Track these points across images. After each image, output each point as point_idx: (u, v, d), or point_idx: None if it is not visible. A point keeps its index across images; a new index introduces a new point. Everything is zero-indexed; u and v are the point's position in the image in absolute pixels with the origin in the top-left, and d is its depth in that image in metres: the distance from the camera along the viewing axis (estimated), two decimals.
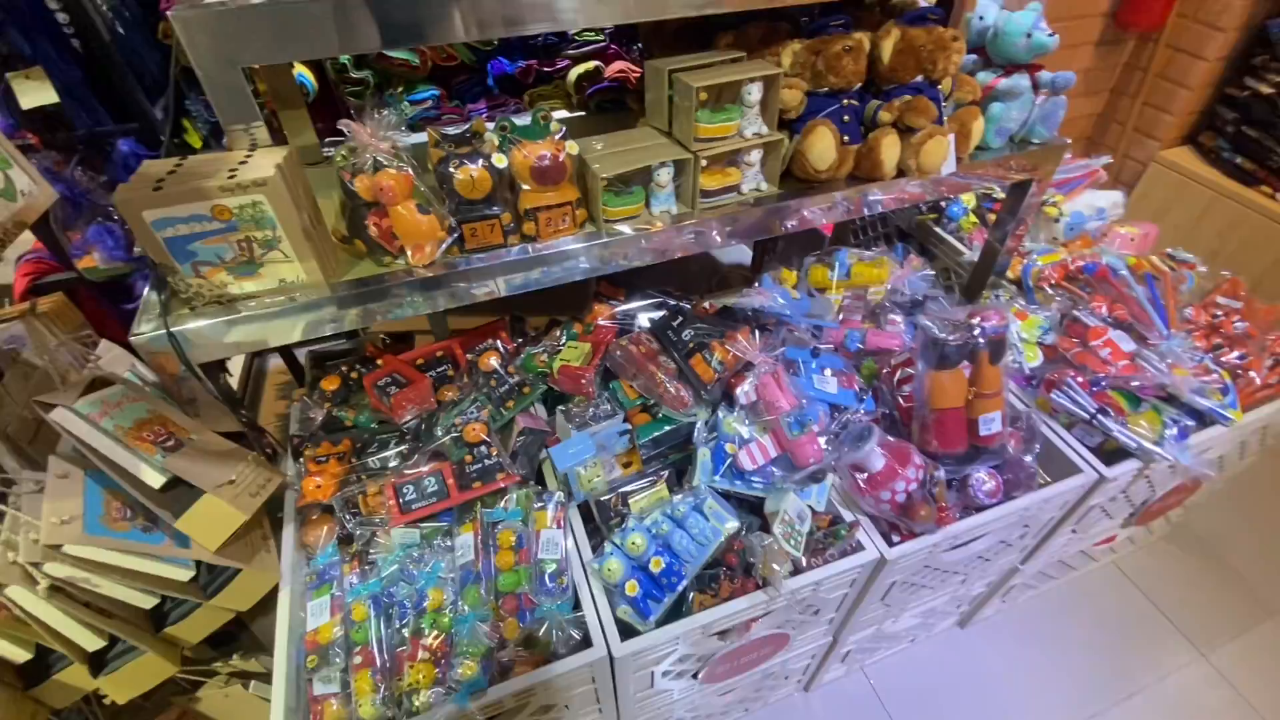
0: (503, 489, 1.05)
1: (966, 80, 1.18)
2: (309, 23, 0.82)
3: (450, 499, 1.02)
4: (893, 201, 1.19)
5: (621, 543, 0.97)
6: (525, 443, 1.11)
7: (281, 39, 0.82)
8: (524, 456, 1.11)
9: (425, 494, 1.02)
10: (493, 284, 1.00)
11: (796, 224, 1.15)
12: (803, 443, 1.00)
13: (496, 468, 1.05)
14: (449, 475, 1.04)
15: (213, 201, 0.82)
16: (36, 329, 0.95)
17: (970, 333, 1.03)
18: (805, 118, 1.09)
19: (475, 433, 1.05)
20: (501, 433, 1.13)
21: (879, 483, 1.02)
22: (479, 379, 1.17)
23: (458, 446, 1.07)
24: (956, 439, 1.08)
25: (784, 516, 0.99)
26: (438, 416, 1.13)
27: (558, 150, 0.96)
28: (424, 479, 1.03)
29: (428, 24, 0.87)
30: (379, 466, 1.07)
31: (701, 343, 1.13)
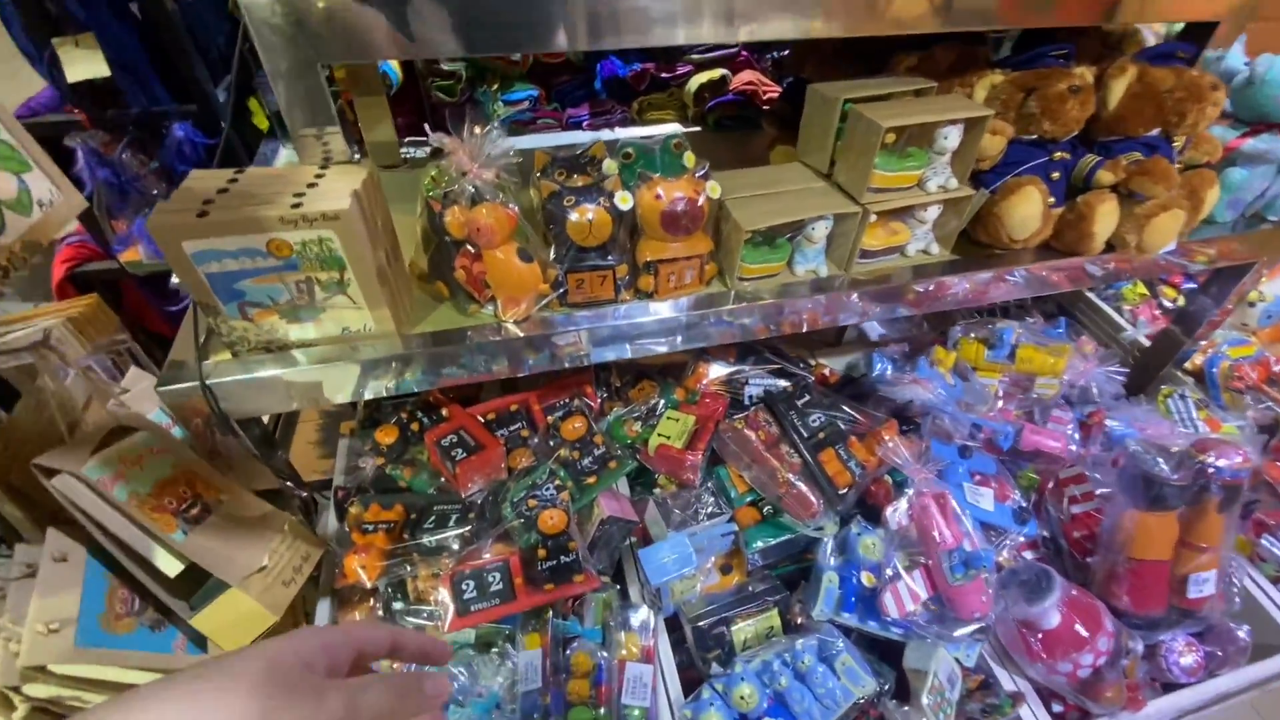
0: (580, 595, 0.86)
1: (1206, 137, 0.93)
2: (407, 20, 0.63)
3: (516, 603, 0.84)
4: (1085, 279, 0.95)
5: (725, 691, 0.77)
6: (607, 532, 0.92)
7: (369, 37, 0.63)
8: (604, 549, 0.92)
9: (487, 592, 0.83)
10: (594, 347, 0.81)
11: (966, 298, 0.92)
12: (967, 591, 0.79)
13: (575, 567, 0.86)
14: (516, 570, 0.85)
15: (270, 235, 0.64)
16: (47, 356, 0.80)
17: (1199, 472, 0.80)
18: (1001, 170, 0.87)
19: (553, 522, 0.86)
20: (579, 514, 0.94)
21: (1059, 649, 0.80)
22: (558, 445, 0.98)
23: (529, 532, 0.88)
24: (1155, 599, 0.85)
25: (934, 682, 0.78)
26: (508, 487, 0.95)
27: (696, 192, 0.76)
28: (486, 571, 0.84)
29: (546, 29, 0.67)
30: (433, 546, 0.89)
31: (835, 434, 0.92)
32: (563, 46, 0.70)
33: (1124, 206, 0.88)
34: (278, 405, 0.76)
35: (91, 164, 1.03)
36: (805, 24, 0.74)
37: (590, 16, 0.68)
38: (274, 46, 0.64)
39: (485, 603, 0.83)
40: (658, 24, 0.70)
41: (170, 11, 1.02)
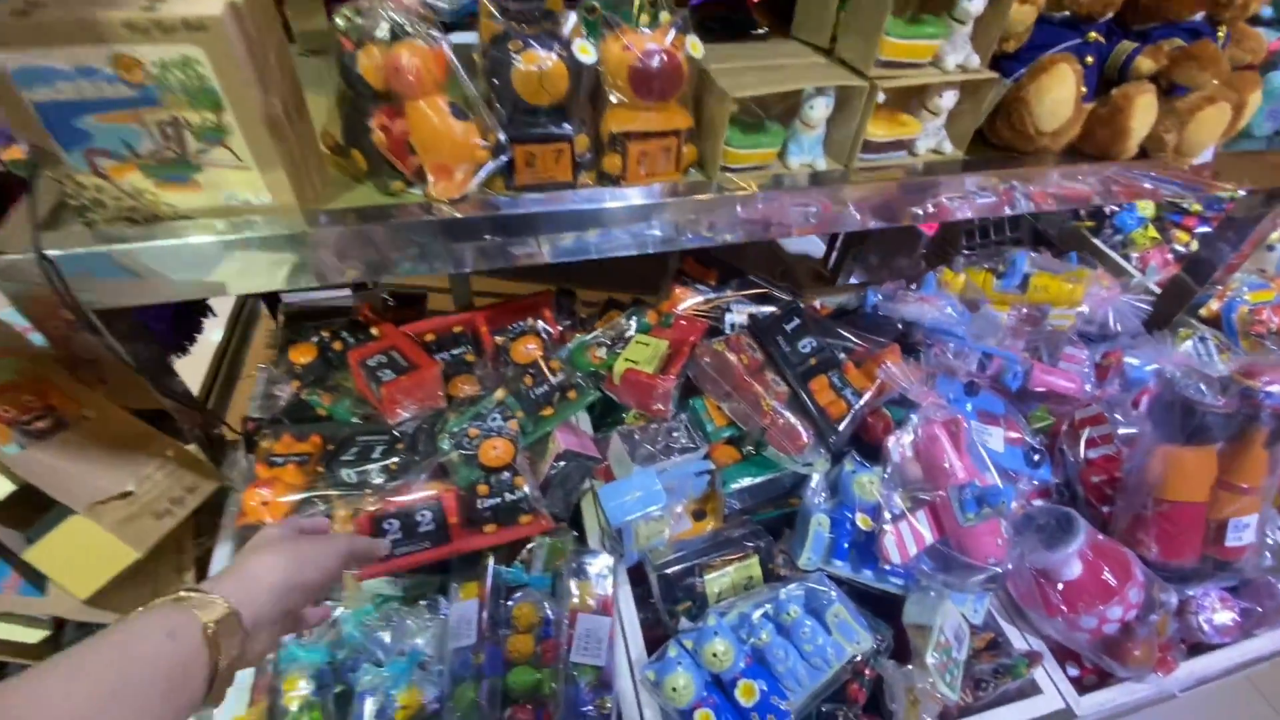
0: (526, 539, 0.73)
1: (1249, 33, 0.82)
2: None
3: (449, 544, 0.71)
4: (1115, 192, 0.84)
5: (696, 648, 0.65)
6: (564, 470, 0.79)
7: None
8: (559, 490, 0.79)
9: (414, 534, 0.70)
10: (543, 242, 0.67)
11: (974, 209, 0.80)
12: (981, 533, 0.67)
13: (521, 506, 0.73)
14: (452, 509, 0.72)
15: (115, 48, 0.49)
16: None
17: (1247, 398, 0.69)
18: (1026, 54, 0.74)
19: (497, 455, 0.73)
20: (531, 450, 0.81)
21: (1083, 602, 0.69)
22: (509, 372, 0.84)
23: (469, 467, 0.75)
24: (1188, 546, 0.74)
25: (939, 638, 0.66)
26: (446, 418, 0.81)
27: (675, 47, 0.63)
28: (415, 510, 0.71)
29: None
30: (354, 481, 0.75)
31: (828, 360, 0.80)
32: None
33: (1163, 101, 0.76)
34: (147, 295, 0.61)
35: None
36: None
37: None
38: None
39: (411, 546, 0.70)
40: None
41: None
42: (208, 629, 0.39)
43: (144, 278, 0.59)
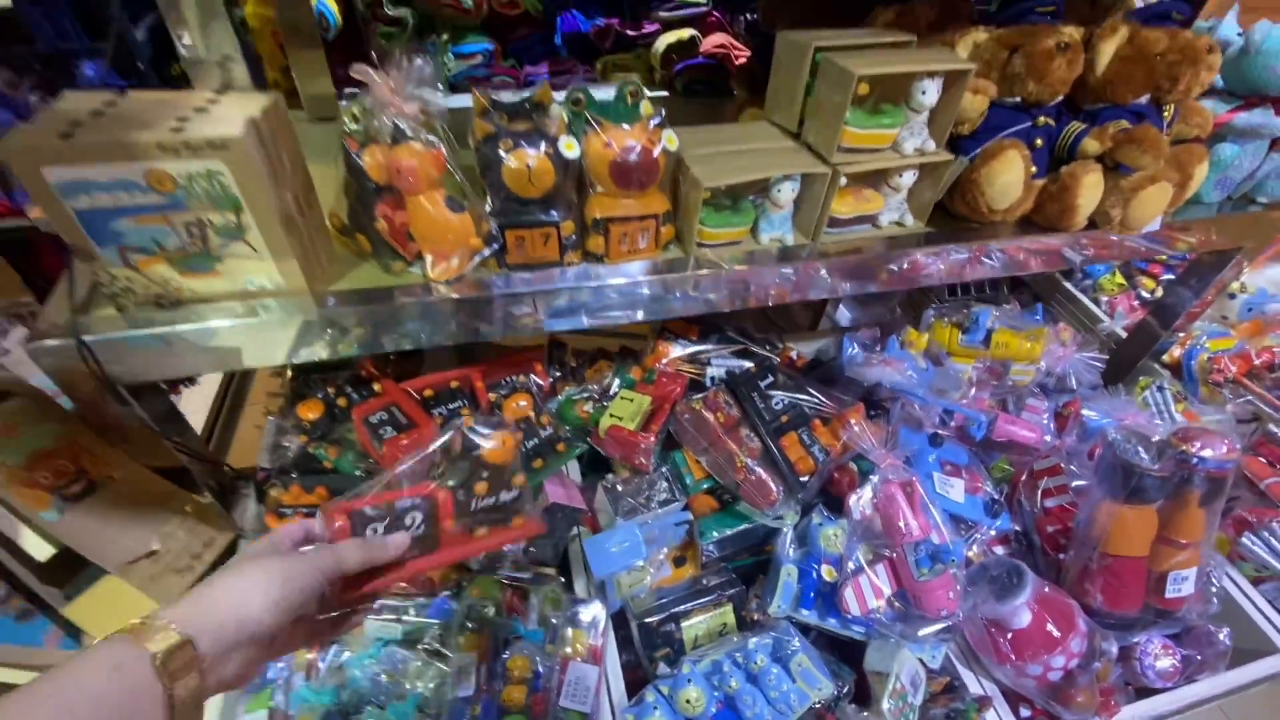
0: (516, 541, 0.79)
1: (1196, 109, 0.88)
2: None
3: (439, 555, 0.64)
4: (1065, 258, 0.90)
5: (671, 695, 0.70)
6: (552, 522, 0.84)
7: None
8: (547, 539, 0.85)
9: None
10: (537, 315, 0.73)
11: (942, 274, 0.86)
12: (934, 587, 0.73)
13: (515, 507, 0.74)
14: (447, 511, 0.69)
15: (149, 165, 0.55)
16: None
17: (1183, 462, 0.75)
18: (981, 135, 0.80)
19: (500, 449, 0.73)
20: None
21: (1029, 650, 0.75)
22: None
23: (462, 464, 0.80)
24: (1131, 598, 0.79)
25: (896, 685, 0.72)
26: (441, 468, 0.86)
27: (651, 142, 0.69)
28: (404, 510, 0.63)
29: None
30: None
31: (799, 417, 0.86)
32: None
33: (1109, 179, 0.82)
34: (173, 369, 0.67)
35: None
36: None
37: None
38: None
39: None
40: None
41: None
42: (156, 659, 0.37)
43: (170, 355, 0.65)
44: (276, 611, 0.44)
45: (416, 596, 0.82)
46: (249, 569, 0.46)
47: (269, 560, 0.47)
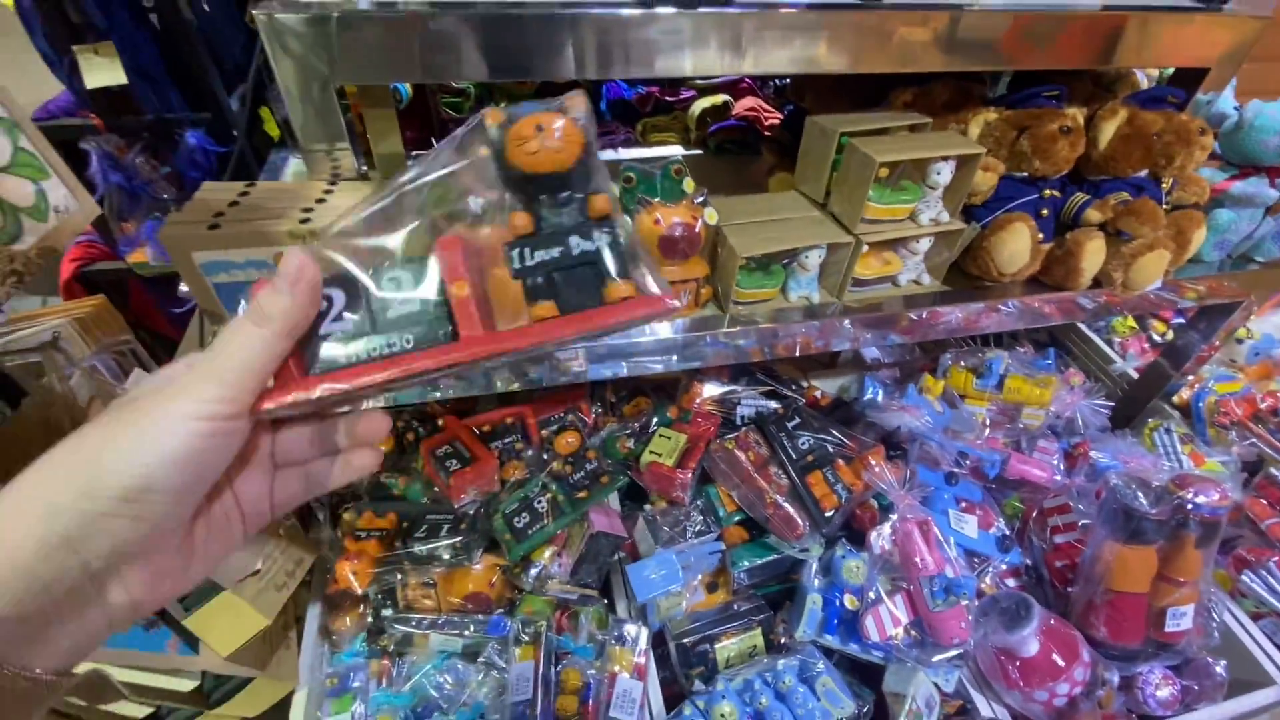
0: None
1: (1194, 179, 0.95)
2: (419, 45, 0.65)
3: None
4: (1074, 314, 0.97)
5: (706, 709, 0.79)
6: (595, 547, 0.93)
7: (385, 60, 0.66)
8: (591, 564, 0.94)
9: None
10: (582, 363, 0.83)
11: (956, 328, 0.94)
12: (947, 617, 0.80)
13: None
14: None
15: (279, 249, 0.66)
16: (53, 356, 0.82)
17: (1178, 508, 0.81)
18: (992, 205, 0.89)
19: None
20: (569, 530, 0.96)
21: (1035, 677, 0.81)
22: (551, 458, 0.99)
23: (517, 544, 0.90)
24: (1133, 631, 0.86)
25: (912, 706, 0.79)
26: (499, 498, 0.96)
27: (694, 218, 0.78)
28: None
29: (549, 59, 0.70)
30: (425, 555, 0.90)
31: (823, 457, 0.94)
32: (572, 75, 0.72)
33: (1111, 245, 0.90)
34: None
35: (104, 167, 1.05)
36: (807, 58, 0.77)
37: (600, 47, 0.70)
38: (288, 64, 0.66)
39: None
40: (665, 55, 0.72)
41: (188, 22, 1.05)
42: None
43: None
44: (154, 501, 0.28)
45: (475, 614, 0.91)
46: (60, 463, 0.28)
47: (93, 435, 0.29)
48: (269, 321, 0.30)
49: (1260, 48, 1.92)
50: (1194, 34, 0.88)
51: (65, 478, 0.28)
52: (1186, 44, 0.88)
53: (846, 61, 0.77)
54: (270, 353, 0.31)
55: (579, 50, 0.70)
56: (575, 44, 0.69)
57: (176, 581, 0.32)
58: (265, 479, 0.36)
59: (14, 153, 0.62)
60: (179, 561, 0.32)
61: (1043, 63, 0.85)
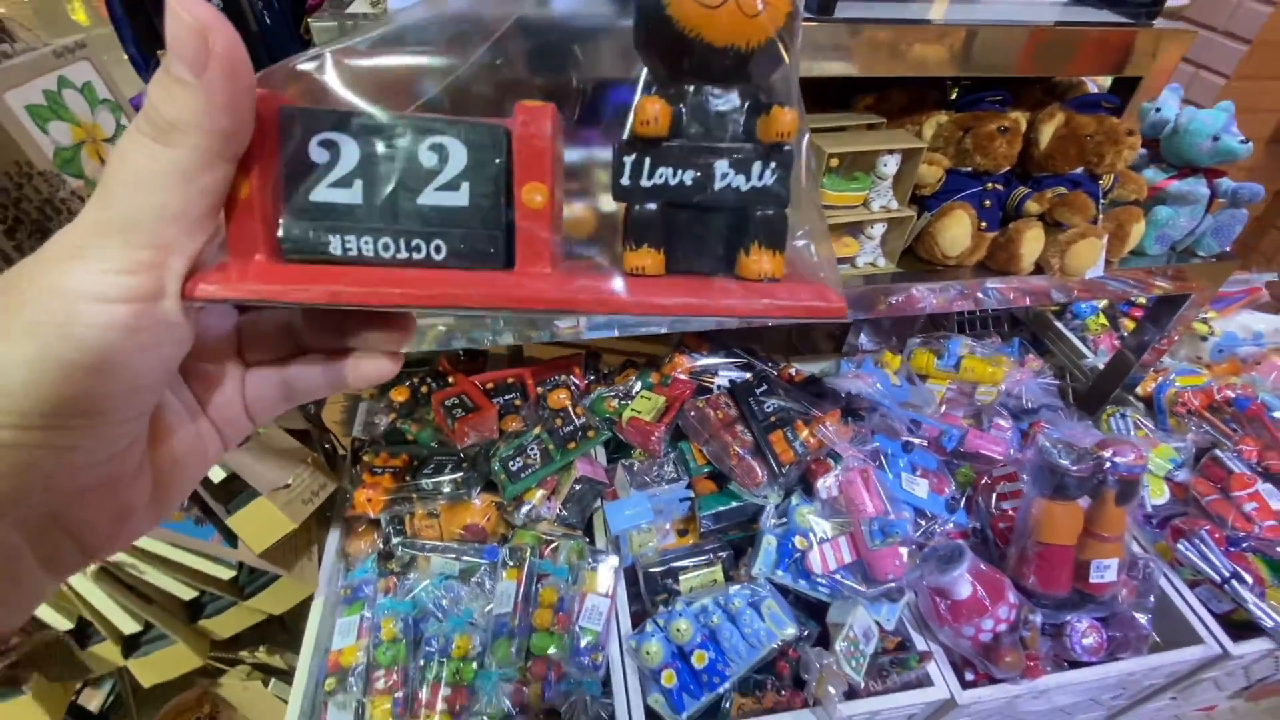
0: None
1: (1132, 177, 1.05)
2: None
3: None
4: (1022, 298, 1.07)
5: (666, 625, 0.90)
6: (580, 491, 1.05)
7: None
8: (576, 505, 1.06)
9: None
10: (578, 327, 0.96)
11: (899, 301, 1.05)
12: (883, 555, 0.90)
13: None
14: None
15: None
16: None
17: (1098, 466, 0.90)
18: (942, 196, 1.00)
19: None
20: (558, 476, 1.08)
21: (963, 615, 0.91)
22: (545, 414, 1.12)
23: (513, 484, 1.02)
24: (1060, 581, 0.94)
25: (849, 633, 0.89)
26: (497, 446, 1.09)
27: None
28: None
29: None
30: (431, 489, 1.03)
31: (785, 418, 1.05)
32: None
33: (1049, 234, 1.00)
34: None
35: None
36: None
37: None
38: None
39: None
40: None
41: (252, 33, 1.23)
42: None
43: None
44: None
45: (471, 543, 1.04)
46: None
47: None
48: (175, 135, 0.19)
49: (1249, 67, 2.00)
50: (1126, 46, 0.98)
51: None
52: (1119, 55, 0.98)
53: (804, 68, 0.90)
54: (191, 187, 0.20)
55: None
56: None
57: (139, 516, 0.24)
58: (235, 382, 0.27)
59: (117, 128, 0.78)
60: (137, 491, 0.24)
61: (987, 71, 0.96)
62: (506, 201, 0.24)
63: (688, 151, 0.24)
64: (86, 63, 0.73)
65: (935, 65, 0.94)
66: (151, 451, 0.24)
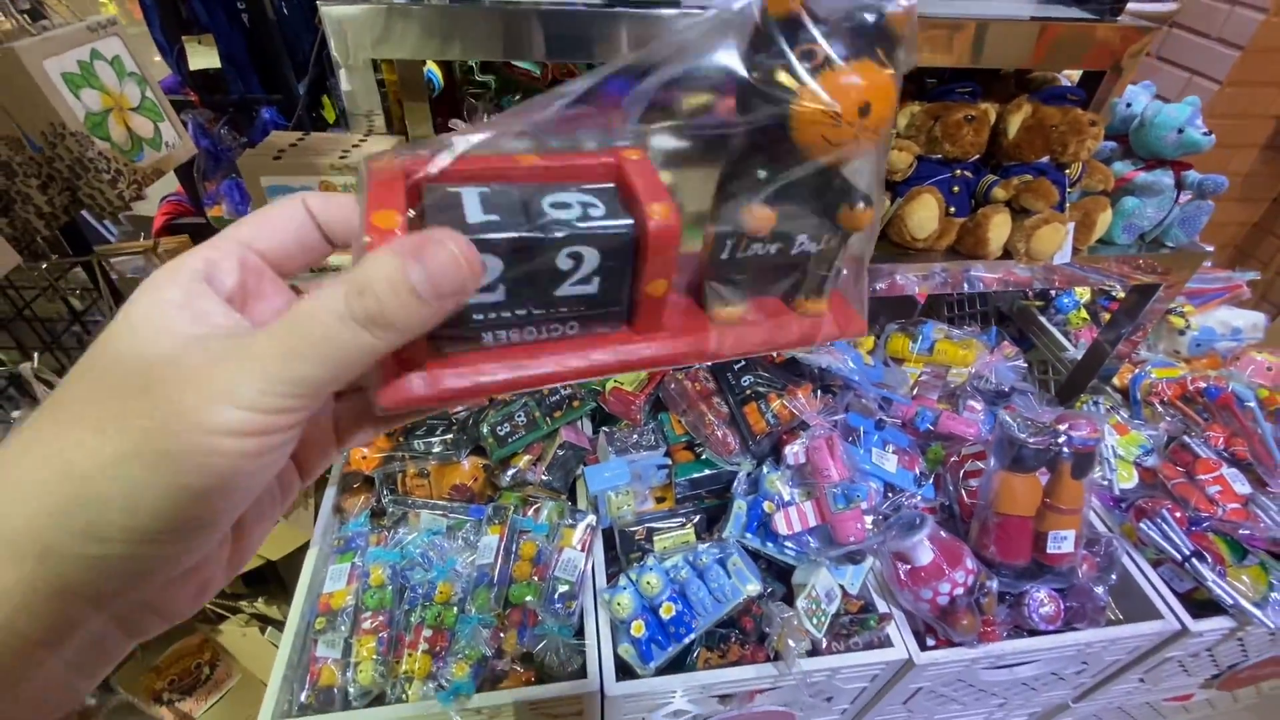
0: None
1: (1099, 168, 1.09)
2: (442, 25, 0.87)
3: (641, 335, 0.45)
4: (991, 282, 1.11)
5: (636, 579, 0.94)
6: (564, 456, 1.11)
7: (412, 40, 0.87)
8: (560, 470, 1.11)
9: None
10: None
11: (883, 288, 1.09)
12: (845, 518, 0.95)
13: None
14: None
15: (322, 177, 0.87)
16: (154, 261, 1.05)
17: (1054, 439, 0.94)
18: (912, 181, 1.05)
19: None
20: (544, 442, 1.14)
21: (922, 579, 0.95)
22: None
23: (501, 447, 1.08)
24: (1019, 550, 0.98)
25: (811, 592, 0.93)
26: (486, 412, 1.15)
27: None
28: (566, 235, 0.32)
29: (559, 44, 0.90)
30: (423, 450, 1.09)
31: (759, 391, 1.10)
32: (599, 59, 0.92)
33: (1015, 219, 1.04)
34: None
35: (197, 134, 1.30)
36: None
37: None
38: (344, 45, 0.88)
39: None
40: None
41: (271, 21, 1.31)
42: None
43: None
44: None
45: (459, 502, 1.10)
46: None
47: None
48: (388, 332, 0.21)
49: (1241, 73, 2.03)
50: (1091, 40, 1.02)
51: (57, 512, 0.20)
52: (1085, 49, 1.03)
53: None
54: (369, 360, 0.21)
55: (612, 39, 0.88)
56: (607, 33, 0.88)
57: (218, 584, 0.26)
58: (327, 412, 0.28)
59: (142, 99, 0.85)
60: (215, 569, 0.26)
61: (957, 63, 1.01)
62: (632, 284, 0.27)
63: (779, 234, 0.28)
64: (117, 38, 0.81)
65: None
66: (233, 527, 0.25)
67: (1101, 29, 1.02)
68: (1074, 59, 1.04)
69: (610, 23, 0.89)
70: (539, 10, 0.86)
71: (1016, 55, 1.02)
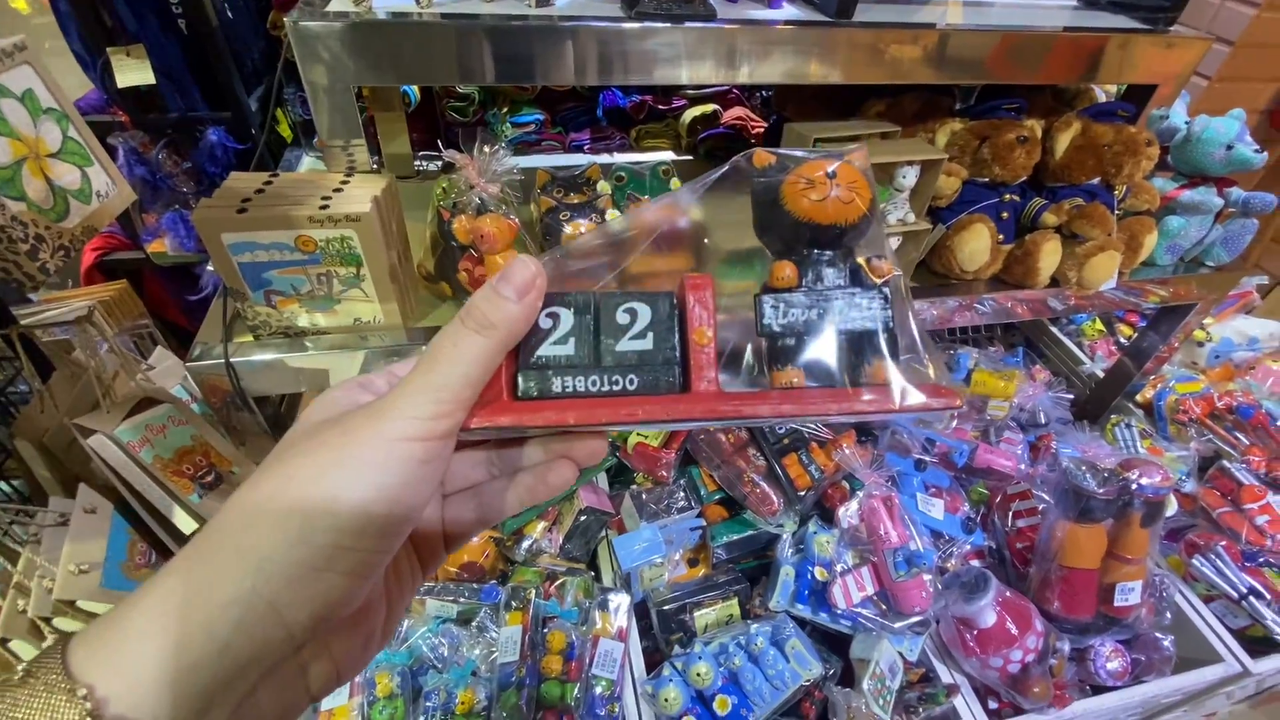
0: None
1: (1145, 187, 1.02)
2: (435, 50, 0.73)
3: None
4: (1037, 311, 1.04)
5: (684, 669, 0.84)
6: (585, 523, 0.99)
7: (404, 64, 0.73)
8: (580, 538, 1.00)
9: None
10: None
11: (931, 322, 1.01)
12: (909, 587, 0.86)
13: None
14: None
15: (299, 232, 0.72)
16: (88, 330, 0.88)
17: (1124, 488, 0.88)
18: (957, 207, 0.96)
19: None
20: (560, 506, 1.02)
21: (991, 645, 0.87)
22: None
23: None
24: (1084, 605, 0.92)
25: (875, 670, 0.85)
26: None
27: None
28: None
29: (551, 66, 0.77)
30: None
31: (798, 441, 1.00)
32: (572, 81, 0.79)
33: (1066, 246, 0.97)
34: (290, 385, 0.84)
35: (130, 161, 1.12)
36: (795, 70, 0.85)
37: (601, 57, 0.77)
38: (315, 66, 0.73)
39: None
40: (661, 65, 0.80)
41: (213, 27, 1.12)
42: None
43: (290, 373, 0.82)
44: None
45: (469, 583, 0.97)
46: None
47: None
48: (491, 330, 0.27)
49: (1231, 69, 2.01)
50: (1142, 54, 0.95)
51: (273, 525, 0.23)
52: (1136, 63, 0.96)
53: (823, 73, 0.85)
54: (489, 364, 0.27)
55: (581, 59, 0.77)
56: (577, 53, 0.76)
57: (376, 642, 0.29)
58: (437, 509, 0.31)
59: (64, 141, 0.68)
60: (379, 618, 0.29)
61: (1006, 78, 0.93)
62: (680, 343, 0.32)
63: (812, 296, 0.32)
64: (28, 67, 0.64)
65: (946, 71, 0.90)
66: (384, 583, 0.29)
67: (1152, 41, 0.95)
68: (1124, 72, 0.97)
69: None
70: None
71: (1065, 69, 0.94)
